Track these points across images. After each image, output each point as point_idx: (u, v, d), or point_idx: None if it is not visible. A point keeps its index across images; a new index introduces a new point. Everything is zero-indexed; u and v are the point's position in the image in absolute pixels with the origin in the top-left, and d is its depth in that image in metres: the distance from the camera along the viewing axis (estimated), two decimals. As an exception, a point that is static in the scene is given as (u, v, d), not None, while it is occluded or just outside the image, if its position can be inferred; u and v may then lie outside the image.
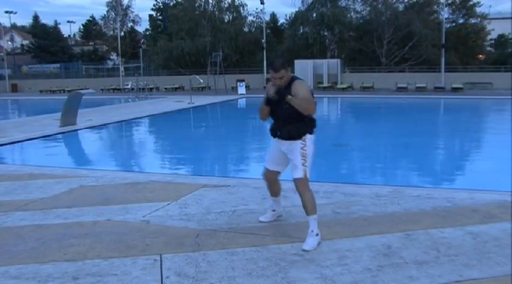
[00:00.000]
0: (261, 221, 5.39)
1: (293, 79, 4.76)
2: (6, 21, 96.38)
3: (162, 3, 63.08)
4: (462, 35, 47.71)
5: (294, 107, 4.56)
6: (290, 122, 4.72)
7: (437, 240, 4.79)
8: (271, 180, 5.28)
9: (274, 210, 5.46)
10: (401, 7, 47.11)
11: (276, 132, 4.91)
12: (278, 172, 5.21)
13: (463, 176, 9.91)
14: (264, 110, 4.91)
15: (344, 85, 39.02)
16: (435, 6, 47.48)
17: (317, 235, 4.72)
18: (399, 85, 36.92)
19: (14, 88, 51.58)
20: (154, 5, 64.67)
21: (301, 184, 4.78)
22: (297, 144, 4.75)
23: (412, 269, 4.13)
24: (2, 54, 55.98)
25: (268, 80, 4.84)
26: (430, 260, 4.30)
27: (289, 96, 4.56)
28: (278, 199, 5.46)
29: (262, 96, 4.99)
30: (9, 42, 66.18)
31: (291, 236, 4.99)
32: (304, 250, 4.55)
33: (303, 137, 4.76)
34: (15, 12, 71.34)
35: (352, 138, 15.43)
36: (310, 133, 4.82)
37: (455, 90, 35.17)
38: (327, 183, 7.32)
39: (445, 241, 4.77)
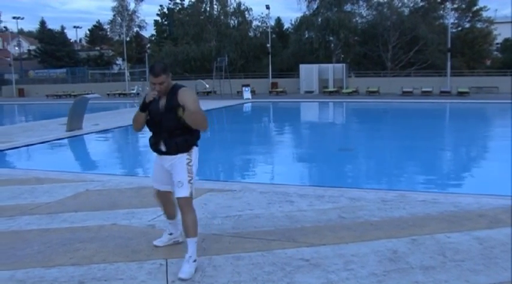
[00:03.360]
0: (155, 246, 4.86)
1: (176, 87, 4.28)
2: (13, 27, 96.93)
3: (168, 8, 63.34)
4: (468, 40, 47.68)
5: (181, 116, 4.16)
6: (177, 134, 4.24)
7: (443, 245, 4.77)
8: (164, 201, 4.73)
9: (171, 233, 4.90)
10: (406, 11, 47.11)
11: (159, 147, 4.34)
12: (170, 192, 4.59)
13: (469, 181, 9.87)
14: (140, 118, 4.33)
15: (350, 90, 38.99)
16: (441, 11, 47.44)
17: (195, 261, 4.26)
18: (405, 89, 36.87)
19: (21, 93, 51.88)
20: (159, 10, 64.96)
21: (185, 204, 4.31)
22: (183, 158, 4.31)
23: (418, 275, 4.11)
24: (9, 59, 56.25)
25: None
26: (437, 266, 4.29)
27: (180, 112, 4.12)
28: (174, 221, 4.85)
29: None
30: (16, 48, 66.43)
31: (296, 240, 4.98)
32: (181, 279, 4.10)
33: (190, 150, 4.35)
34: (23, 18, 71.99)
35: (357, 142, 15.40)
36: (197, 145, 4.44)
37: (461, 94, 35.09)
38: (333, 188, 7.33)
39: (452, 246, 4.75)
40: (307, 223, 5.53)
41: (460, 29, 48.73)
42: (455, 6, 46.89)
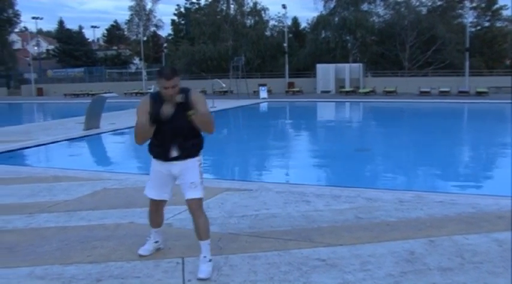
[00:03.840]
0: (140, 255, 4.63)
1: (185, 89, 4.15)
2: (32, 27, 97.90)
3: (185, 8, 63.58)
4: (488, 39, 47.20)
5: (192, 121, 4.06)
6: (189, 138, 4.19)
7: (461, 247, 4.73)
8: (159, 211, 4.58)
9: (157, 241, 4.74)
10: (424, 11, 46.77)
11: (168, 154, 4.19)
12: (165, 201, 4.55)
13: (488, 182, 9.77)
14: (149, 132, 4.11)
15: (366, 90, 38.81)
16: (459, 10, 47.02)
17: (210, 260, 4.22)
18: (422, 89, 36.59)
19: (40, 92, 52.42)
20: (176, 10, 65.26)
21: (199, 205, 4.25)
22: (194, 161, 4.25)
23: (435, 276, 4.08)
24: (28, 59, 56.89)
25: (159, 97, 4.07)
26: (455, 267, 4.25)
27: (192, 111, 4.00)
28: (160, 229, 4.74)
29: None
30: (35, 47, 67.09)
31: (313, 240, 4.97)
32: (203, 279, 4.08)
33: (199, 154, 4.30)
34: (42, 18, 72.55)
35: (374, 142, 15.32)
36: (203, 148, 4.38)
37: (479, 94, 34.70)
38: (349, 188, 7.30)
39: (470, 247, 4.70)
40: (323, 223, 5.51)
41: (479, 28, 48.25)
42: (474, 5, 46.44)
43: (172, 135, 4.14)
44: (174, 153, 4.18)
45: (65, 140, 14.41)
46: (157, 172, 4.35)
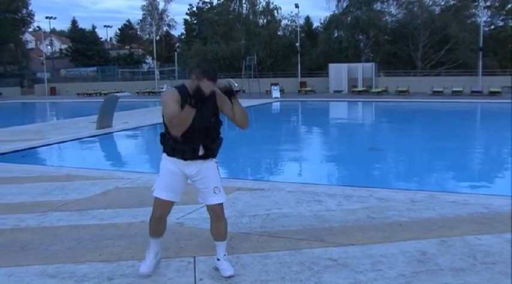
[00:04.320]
0: (143, 274, 4.16)
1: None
2: (46, 26, 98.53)
3: (197, 7, 63.72)
4: (501, 38, 46.74)
5: (219, 118, 4.04)
6: (216, 137, 4.08)
7: (474, 247, 4.69)
8: (163, 218, 4.22)
9: (157, 252, 4.34)
10: (437, 10, 46.52)
11: (196, 153, 3.96)
12: (172, 206, 4.22)
13: (501, 182, 9.68)
14: (190, 117, 3.72)
15: (379, 89, 38.63)
16: (473, 9, 46.67)
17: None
18: (435, 89, 36.38)
19: (52, 91, 52.77)
20: (189, 9, 65.41)
21: (222, 210, 4.13)
22: (212, 162, 4.08)
23: (447, 276, 4.05)
24: (41, 58, 57.34)
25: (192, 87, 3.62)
26: (467, 268, 4.21)
27: (234, 99, 3.95)
28: (161, 238, 4.36)
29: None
30: (49, 47, 67.63)
31: (324, 240, 4.96)
32: (231, 276, 4.06)
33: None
34: (55, 18, 73.15)
35: (387, 142, 15.25)
36: None
37: (492, 94, 34.42)
38: (361, 188, 7.28)
39: (482, 248, 4.66)
40: (335, 223, 5.50)
41: (492, 27, 47.86)
42: (488, 4, 46.07)
43: (202, 134, 3.94)
44: (201, 151, 3.99)
45: (78, 139, 14.48)
46: (170, 171, 4.04)
